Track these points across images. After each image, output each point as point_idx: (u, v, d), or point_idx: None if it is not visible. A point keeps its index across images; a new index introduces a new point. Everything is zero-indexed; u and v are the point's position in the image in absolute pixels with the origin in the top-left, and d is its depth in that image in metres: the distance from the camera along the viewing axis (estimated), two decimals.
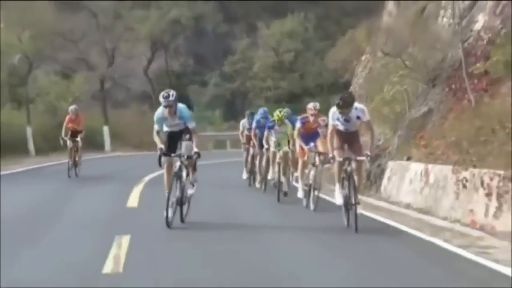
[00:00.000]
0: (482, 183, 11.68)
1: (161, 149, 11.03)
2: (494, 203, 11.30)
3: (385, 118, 17.25)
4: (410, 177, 14.75)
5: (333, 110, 11.18)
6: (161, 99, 11.00)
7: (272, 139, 16.11)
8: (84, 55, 33.40)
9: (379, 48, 18.08)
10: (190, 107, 13.22)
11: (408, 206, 14.28)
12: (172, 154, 11.13)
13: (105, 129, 33.56)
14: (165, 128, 11.38)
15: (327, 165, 13.90)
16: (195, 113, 43.41)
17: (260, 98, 50.33)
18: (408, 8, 19.78)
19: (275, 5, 56.52)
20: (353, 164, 11.06)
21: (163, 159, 11.04)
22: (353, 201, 10.90)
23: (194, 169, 11.49)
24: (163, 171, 11.21)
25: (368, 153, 11.07)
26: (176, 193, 10.96)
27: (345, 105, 10.77)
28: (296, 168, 15.29)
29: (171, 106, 10.97)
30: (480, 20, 16.86)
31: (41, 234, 9.66)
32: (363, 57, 20.56)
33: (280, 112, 16.20)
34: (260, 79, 51.18)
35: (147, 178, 18.48)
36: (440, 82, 16.84)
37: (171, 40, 37.29)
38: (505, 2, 16.01)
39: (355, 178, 11.06)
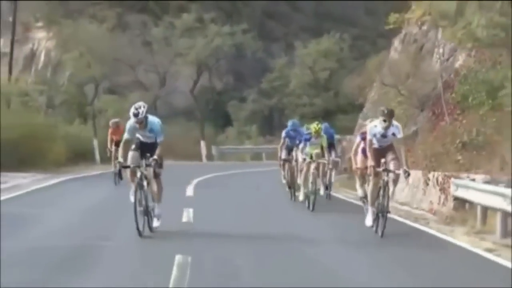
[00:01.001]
0: (437, 181, 17.49)
1: (120, 163, 11.88)
2: (443, 196, 17.13)
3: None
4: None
5: (371, 126, 12.72)
6: (130, 114, 11.80)
7: (306, 151, 17.58)
8: (139, 78, 40.12)
9: (381, 79, 23.96)
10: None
11: (395, 201, 20.13)
12: (132, 165, 11.79)
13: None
14: (138, 136, 12.06)
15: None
16: (235, 128, 49.64)
17: (296, 114, 55.22)
18: (410, 45, 25.58)
19: (313, 25, 62.52)
20: (391, 176, 12.40)
21: (123, 172, 12.00)
22: (387, 209, 12.33)
23: (156, 175, 12.07)
24: (129, 178, 12.02)
25: (406, 168, 12.29)
26: (142, 202, 11.76)
27: (389, 115, 12.37)
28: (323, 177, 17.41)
29: (141, 122, 11.74)
30: (460, 60, 22.69)
31: None
32: (374, 84, 26.38)
33: (317, 125, 17.80)
34: (296, 96, 56.03)
35: (195, 181, 24.51)
36: (427, 107, 22.72)
37: (214, 63, 43.59)
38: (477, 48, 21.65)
39: (390, 189, 12.45)
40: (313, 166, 17.21)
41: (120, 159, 11.81)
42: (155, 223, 12.04)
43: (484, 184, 13.82)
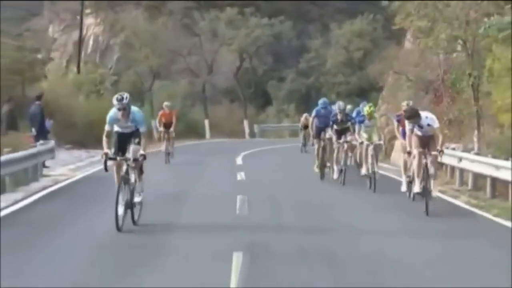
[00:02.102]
0: None
1: (106, 154, 12.08)
2: None
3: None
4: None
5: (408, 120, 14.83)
6: (114, 101, 12.13)
7: (363, 133, 18.90)
8: (190, 66, 47.48)
9: (394, 67, 30.70)
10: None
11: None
12: (118, 158, 12.23)
13: (206, 121, 47.30)
14: (116, 129, 12.41)
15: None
16: (274, 107, 57.24)
17: (332, 92, 61.43)
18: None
19: (347, 7, 68.94)
20: (429, 158, 14.53)
21: (109, 163, 12.09)
22: (430, 188, 14.46)
23: (141, 171, 12.63)
24: (114, 171, 12.39)
25: (439, 148, 14.60)
26: (125, 196, 12.12)
27: (411, 117, 14.58)
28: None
29: (124, 109, 12.08)
30: (454, 54, 29.22)
31: (207, 170, 22.84)
32: (390, 72, 33.01)
33: (370, 107, 19.10)
34: (332, 74, 62.16)
35: (242, 153, 31.47)
36: (430, 90, 29.38)
37: (255, 50, 50.73)
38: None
39: (431, 169, 14.58)
40: (370, 148, 18.53)
41: (106, 150, 12.16)
42: (137, 198, 12.60)
43: (451, 150, 20.55)
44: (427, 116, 14.82)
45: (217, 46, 48.59)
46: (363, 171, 19.12)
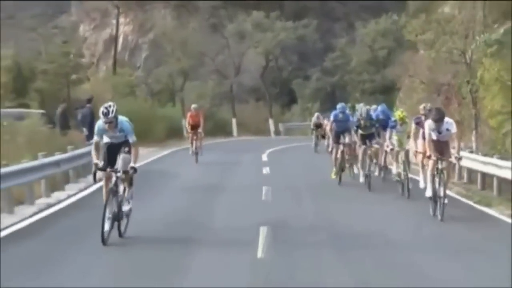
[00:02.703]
0: None
1: (96, 164, 12.31)
2: None
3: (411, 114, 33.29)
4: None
5: (429, 122, 15.28)
6: (100, 115, 12.34)
7: (394, 138, 19.20)
8: (218, 67, 51.54)
9: (409, 71, 34.34)
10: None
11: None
12: (108, 169, 12.39)
13: (233, 120, 51.35)
14: (105, 139, 12.63)
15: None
16: (299, 105, 61.68)
17: (357, 91, 64.85)
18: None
19: (372, 4, 72.48)
20: (444, 163, 15.11)
21: (98, 174, 12.30)
22: (441, 194, 14.93)
23: (130, 184, 12.78)
24: (103, 184, 12.76)
25: (457, 155, 15.13)
26: (113, 208, 12.28)
27: (440, 120, 14.99)
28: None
29: (111, 122, 12.32)
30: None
31: (236, 165, 26.68)
32: (408, 74, 36.60)
33: (402, 112, 19.63)
34: (357, 73, 65.46)
35: (267, 151, 35.23)
36: (442, 93, 32.99)
37: (280, 53, 54.74)
38: None
39: (445, 175, 15.06)
40: (402, 154, 18.90)
41: (96, 161, 12.44)
42: (126, 206, 12.83)
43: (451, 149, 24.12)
44: (447, 121, 15.33)
45: (244, 48, 52.65)
46: (395, 176, 19.50)
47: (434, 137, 15.35)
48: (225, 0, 65.28)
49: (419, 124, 17.30)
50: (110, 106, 12.40)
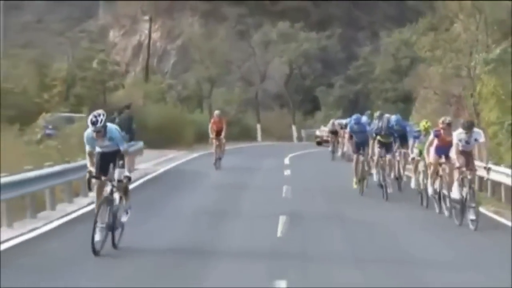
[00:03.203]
0: None
1: (90, 172, 12.36)
2: None
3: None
4: None
5: (458, 132, 16.08)
6: (89, 123, 12.27)
7: (416, 149, 19.69)
8: (244, 75, 55.28)
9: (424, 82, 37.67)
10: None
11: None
12: (103, 178, 12.40)
13: (258, 126, 54.98)
14: (97, 149, 12.64)
15: None
16: (322, 112, 65.53)
17: (380, 98, 67.95)
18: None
19: (396, 14, 75.78)
20: (470, 175, 16.14)
21: (93, 182, 12.37)
22: (472, 205, 15.85)
23: (126, 193, 12.87)
24: (95, 191, 12.74)
25: (486, 165, 16.50)
26: (106, 218, 12.30)
27: (469, 127, 15.94)
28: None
29: (99, 132, 12.27)
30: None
31: (260, 167, 30.14)
32: (423, 85, 39.95)
33: (426, 122, 19.82)
34: (380, 81, 68.64)
35: (289, 155, 38.63)
36: (453, 104, 36.28)
37: (303, 62, 58.45)
38: None
39: (473, 186, 16.05)
40: (421, 164, 19.28)
41: (90, 168, 12.49)
42: (124, 218, 12.97)
43: None
44: (475, 131, 16.09)
45: (269, 57, 56.42)
46: (413, 185, 20.21)
47: (460, 147, 16.10)
48: (252, 8, 69.23)
49: (438, 136, 17.58)
50: (99, 115, 12.32)
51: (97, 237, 12.16)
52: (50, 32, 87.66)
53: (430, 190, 18.19)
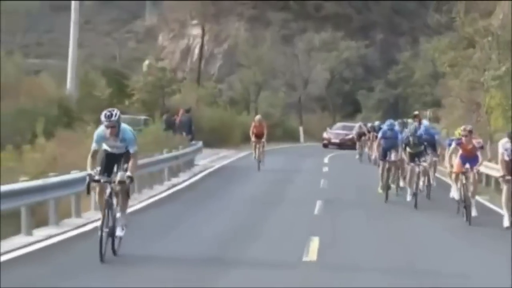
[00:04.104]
0: None
1: (90, 175, 12.36)
2: None
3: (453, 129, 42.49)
4: None
5: (503, 142, 17.12)
6: (102, 118, 12.36)
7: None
8: (288, 80, 61.63)
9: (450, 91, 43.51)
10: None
11: None
12: (102, 180, 12.49)
13: (300, 128, 61.27)
14: (104, 147, 12.76)
15: None
16: (363, 115, 72.20)
17: (419, 102, 73.53)
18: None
19: (436, 21, 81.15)
20: None
21: (92, 185, 12.48)
22: None
23: (127, 195, 12.96)
24: (97, 195, 13.03)
25: None
26: (109, 222, 12.50)
27: None
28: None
29: (113, 127, 12.31)
30: None
31: (302, 165, 36.27)
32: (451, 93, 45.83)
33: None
34: (419, 86, 74.29)
35: (329, 155, 44.61)
36: (475, 110, 42.04)
37: (344, 68, 64.74)
38: None
39: None
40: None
41: (90, 171, 12.38)
42: (119, 232, 12.86)
43: None
44: None
45: (312, 65, 62.76)
46: (452, 195, 20.69)
47: (506, 157, 16.98)
48: (296, 13, 75.69)
49: (460, 145, 18.57)
50: (113, 110, 12.54)
51: (103, 244, 12.39)
52: (98, 33, 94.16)
53: (456, 196, 19.58)
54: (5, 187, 14.32)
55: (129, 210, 19.90)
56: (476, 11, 33.32)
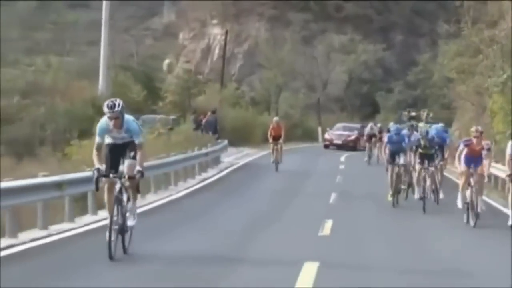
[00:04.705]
0: None
1: (98, 169, 12.23)
2: None
3: (464, 131, 46.83)
4: None
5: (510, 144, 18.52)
6: (105, 109, 12.19)
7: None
8: (308, 82, 66.31)
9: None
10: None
11: None
12: (112, 175, 12.40)
13: (319, 128, 65.81)
14: (107, 140, 12.56)
15: None
16: (382, 115, 77.24)
17: (437, 103, 77.64)
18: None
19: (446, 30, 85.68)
20: None
21: (101, 181, 12.41)
22: None
23: (138, 191, 12.96)
24: (106, 191, 12.82)
25: None
26: (118, 219, 12.47)
27: None
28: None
29: (117, 118, 12.18)
30: None
31: (320, 162, 40.76)
32: None
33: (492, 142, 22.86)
34: (438, 87, 78.27)
35: (345, 154, 49.01)
36: (481, 113, 46.28)
37: (362, 71, 69.39)
38: None
39: None
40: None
41: (98, 165, 12.34)
42: (131, 221, 12.96)
43: None
44: None
45: (331, 67, 67.44)
46: (459, 205, 20.75)
47: None
48: (316, 14, 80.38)
49: (468, 146, 19.32)
50: (116, 99, 12.44)
51: (113, 241, 12.46)
52: (116, 30, 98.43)
53: (459, 203, 20.27)
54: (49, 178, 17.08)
55: (172, 197, 24.86)
56: (482, 22, 37.67)
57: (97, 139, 12.55)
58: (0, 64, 48.91)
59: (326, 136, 56.92)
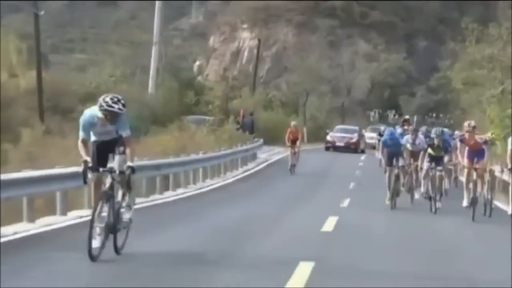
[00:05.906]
0: None
1: (85, 161, 12.06)
2: None
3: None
4: None
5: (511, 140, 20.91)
6: (106, 103, 11.87)
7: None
8: (333, 87, 75.54)
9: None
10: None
11: None
12: (101, 169, 12.19)
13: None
14: (93, 138, 12.36)
15: None
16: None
17: (457, 108, 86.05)
18: None
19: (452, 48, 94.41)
20: None
21: (89, 175, 12.14)
22: None
23: (129, 187, 12.67)
24: (91, 190, 12.82)
25: None
26: (105, 218, 12.10)
27: None
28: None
29: (115, 116, 11.91)
30: None
31: (340, 160, 49.68)
32: None
33: (491, 134, 22.89)
34: (457, 93, 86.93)
35: (365, 154, 57.69)
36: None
37: (384, 78, 78.54)
38: None
39: None
40: (487, 174, 21.42)
41: (86, 158, 12.15)
42: (127, 214, 12.72)
43: None
44: None
45: (355, 74, 76.58)
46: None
47: None
48: (343, 20, 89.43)
49: (463, 141, 20.77)
50: (119, 96, 12.27)
51: (95, 242, 12.12)
52: (143, 29, 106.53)
53: (465, 202, 21.55)
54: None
55: (230, 180, 33.92)
56: (484, 41, 46.55)
57: (81, 134, 12.38)
58: (41, 65, 56.50)
59: (328, 138, 59.95)
